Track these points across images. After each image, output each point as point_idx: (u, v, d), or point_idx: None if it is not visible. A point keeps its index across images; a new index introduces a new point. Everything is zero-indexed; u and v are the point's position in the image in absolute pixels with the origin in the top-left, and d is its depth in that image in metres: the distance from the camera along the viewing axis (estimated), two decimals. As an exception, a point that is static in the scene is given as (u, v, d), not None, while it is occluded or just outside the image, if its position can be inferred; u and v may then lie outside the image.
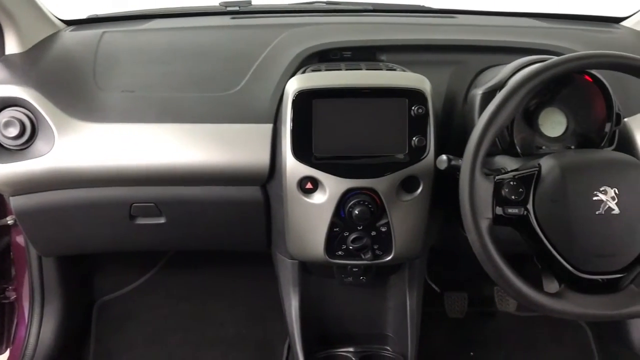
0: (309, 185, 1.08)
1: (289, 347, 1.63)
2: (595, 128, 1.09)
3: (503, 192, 0.89)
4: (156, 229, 1.27)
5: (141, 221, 1.25)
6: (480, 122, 0.89)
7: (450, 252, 1.67)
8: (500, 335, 1.77)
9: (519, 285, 0.87)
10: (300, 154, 1.06)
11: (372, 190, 1.07)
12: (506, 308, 1.78)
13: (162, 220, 1.25)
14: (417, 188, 1.08)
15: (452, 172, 0.94)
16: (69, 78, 1.20)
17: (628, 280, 0.89)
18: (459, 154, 0.93)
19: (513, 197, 0.89)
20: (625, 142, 1.12)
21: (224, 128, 1.13)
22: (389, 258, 1.13)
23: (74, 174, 1.14)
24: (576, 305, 0.88)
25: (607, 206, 0.87)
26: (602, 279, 0.89)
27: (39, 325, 1.56)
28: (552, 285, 0.91)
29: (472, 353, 1.71)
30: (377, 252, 1.13)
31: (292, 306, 1.29)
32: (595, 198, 0.87)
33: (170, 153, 1.13)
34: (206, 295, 1.81)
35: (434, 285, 1.76)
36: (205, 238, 1.36)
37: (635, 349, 1.58)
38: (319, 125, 1.05)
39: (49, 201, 1.20)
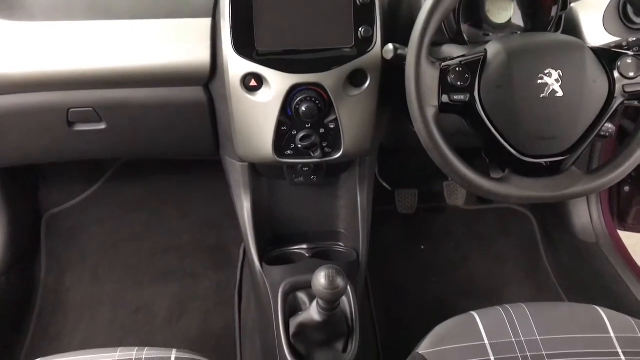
0: (253, 83, 1.04)
1: (245, 251, 1.65)
2: (542, 12, 1.07)
3: (449, 79, 0.87)
4: (97, 136, 1.22)
5: (80, 128, 1.19)
6: (425, 7, 0.86)
7: (400, 150, 1.68)
8: (449, 228, 1.83)
9: (464, 171, 0.88)
10: (242, 49, 1.01)
11: (318, 85, 1.04)
12: (455, 202, 1.83)
13: (102, 126, 1.20)
14: (365, 82, 1.06)
15: (399, 62, 0.92)
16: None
17: (570, 163, 0.91)
18: (407, 45, 0.90)
19: (459, 83, 0.87)
20: (570, 28, 1.12)
21: (159, 24, 1.06)
22: (338, 155, 1.12)
23: (1, 78, 1.07)
24: (520, 189, 0.90)
25: (552, 89, 0.87)
26: (545, 162, 0.90)
27: None
28: (498, 173, 0.93)
29: (422, 246, 1.77)
30: (327, 149, 1.12)
31: (245, 208, 1.29)
32: (540, 81, 0.87)
33: (103, 53, 1.06)
34: (157, 204, 1.80)
35: (384, 184, 1.79)
36: (150, 145, 1.32)
37: (576, 234, 1.66)
38: (260, 17, 1.00)
39: (-23, 110, 1.13)
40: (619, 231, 1.66)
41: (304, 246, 1.34)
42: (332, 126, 1.09)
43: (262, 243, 1.30)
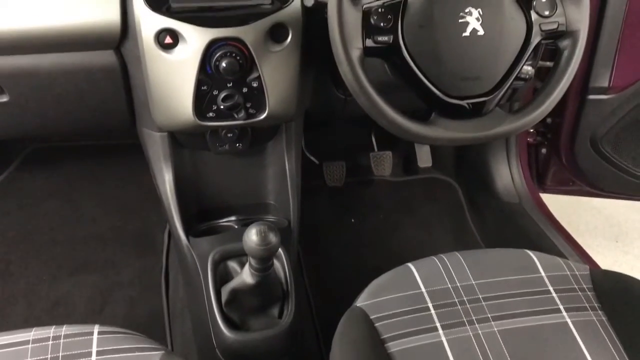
0: (168, 40, 0.98)
1: (170, 234, 1.57)
2: None
3: (372, 20, 0.86)
4: None
5: None
6: None
7: (326, 122, 1.66)
8: (378, 200, 1.83)
9: (392, 114, 0.87)
10: (155, 3, 0.96)
11: (238, 40, 1.00)
12: (382, 173, 1.84)
13: (4, 99, 1.10)
14: (286, 37, 1.03)
15: (321, 9, 0.90)
16: None
17: (493, 104, 0.92)
18: None
19: (382, 24, 0.86)
20: None
21: None
22: (263, 116, 1.08)
23: None
24: (446, 130, 0.90)
25: (473, 27, 0.87)
26: (468, 104, 0.90)
27: None
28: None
29: (352, 220, 1.76)
30: (251, 110, 1.08)
31: (167, 182, 1.22)
32: (461, 20, 0.87)
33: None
34: (71, 191, 1.69)
35: (312, 158, 1.77)
36: (59, 120, 1.22)
37: (499, 196, 1.71)
38: None
39: None
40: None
41: (233, 218, 1.29)
42: (255, 84, 1.05)
43: (188, 218, 1.23)
